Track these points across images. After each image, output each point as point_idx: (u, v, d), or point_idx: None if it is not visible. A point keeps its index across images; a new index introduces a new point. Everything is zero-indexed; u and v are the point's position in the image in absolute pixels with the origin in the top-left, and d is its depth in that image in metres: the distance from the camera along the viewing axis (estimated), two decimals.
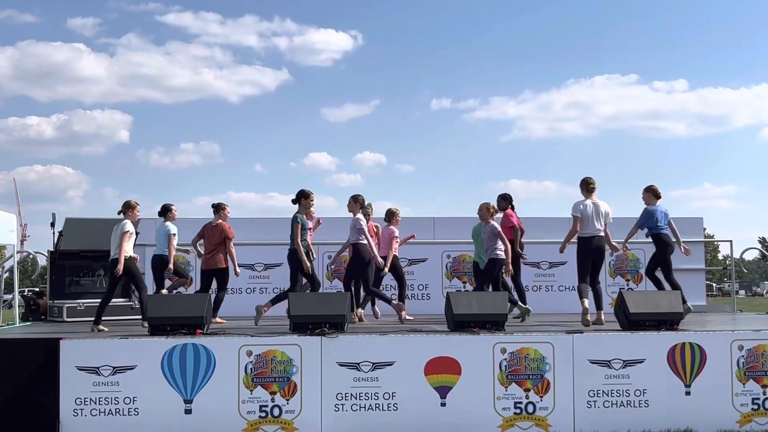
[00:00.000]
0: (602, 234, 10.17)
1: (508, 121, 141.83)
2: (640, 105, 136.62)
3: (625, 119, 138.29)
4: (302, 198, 10.37)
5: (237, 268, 11.00)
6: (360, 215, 10.65)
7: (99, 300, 10.95)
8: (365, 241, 10.52)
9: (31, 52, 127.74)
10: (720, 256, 74.01)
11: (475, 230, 10.84)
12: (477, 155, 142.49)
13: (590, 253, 10.02)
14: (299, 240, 10.09)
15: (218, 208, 10.96)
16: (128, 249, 9.91)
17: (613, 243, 10.47)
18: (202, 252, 10.95)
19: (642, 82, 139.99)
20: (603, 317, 9.89)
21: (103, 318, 10.29)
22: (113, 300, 11.80)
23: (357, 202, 10.78)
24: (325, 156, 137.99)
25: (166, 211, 11.17)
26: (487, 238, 10.50)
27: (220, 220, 10.88)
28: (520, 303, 10.89)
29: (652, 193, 10.86)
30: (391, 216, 11.51)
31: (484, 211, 10.55)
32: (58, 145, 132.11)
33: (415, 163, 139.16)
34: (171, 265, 10.95)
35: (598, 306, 10.00)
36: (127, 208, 10.18)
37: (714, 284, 69.59)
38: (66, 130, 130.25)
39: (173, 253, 10.92)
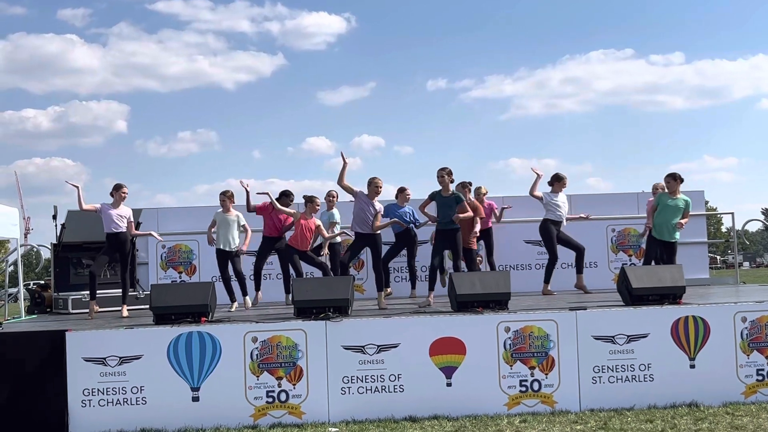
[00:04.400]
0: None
1: (504, 99, 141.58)
2: (637, 79, 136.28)
3: (622, 94, 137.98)
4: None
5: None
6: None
7: (104, 291, 11.04)
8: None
9: (23, 45, 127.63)
10: (723, 229, 74.01)
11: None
12: (476, 135, 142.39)
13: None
14: None
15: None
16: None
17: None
18: None
19: (638, 56, 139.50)
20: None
21: (109, 309, 10.37)
22: (118, 290, 11.90)
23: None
24: (324, 140, 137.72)
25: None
26: None
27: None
28: None
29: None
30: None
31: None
32: (56, 137, 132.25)
33: (414, 145, 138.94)
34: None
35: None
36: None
37: (718, 257, 69.70)
38: (63, 122, 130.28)
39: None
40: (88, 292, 11.04)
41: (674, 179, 10.93)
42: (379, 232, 10.56)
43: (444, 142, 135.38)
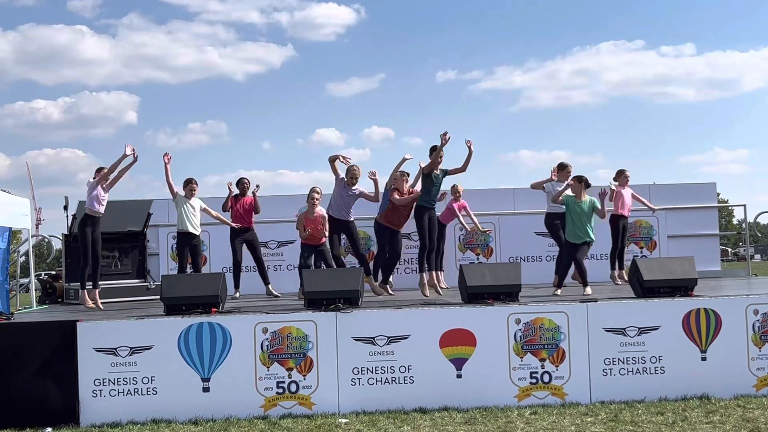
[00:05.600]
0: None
1: (514, 91, 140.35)
2: (648, 71, 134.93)
3: (632, 86, 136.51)
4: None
5: None
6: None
7: (114, 282, 11.06)
8: None
9: (33, 36, 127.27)
10: (734, 221, 73.69)
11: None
12: (485, 126, 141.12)
13: None
14: None
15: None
16: None
17: None
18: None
19: (649, 47, 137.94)
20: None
21: (119, 299, 10.38)
22: (129, 281, 11.95)
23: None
24: (333, 132, 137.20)
25: None
26: None
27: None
28: None
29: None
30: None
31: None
32: (66, 128, 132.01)
33: (423, 136, 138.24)
34: None
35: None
36: None
37: (729, 249, 69.43)
38: (73, 113, 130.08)
39: None
40: (100, 282, 11.09)
41: (579, 181, 10.24)
42: (352, 219, 11.01)
43: (454, 134, 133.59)
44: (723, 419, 7.38)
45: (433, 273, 11.14)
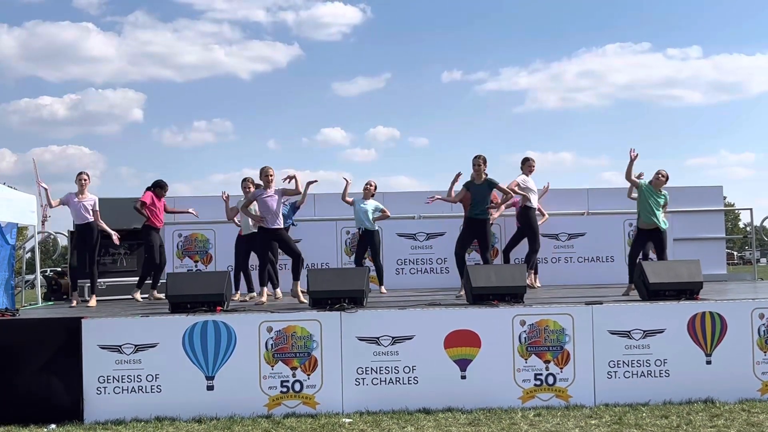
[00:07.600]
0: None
1: (519, 92, 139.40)
2: (654, 73, 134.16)
3: (638, 88, 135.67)
4: None
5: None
6: None
7: (120, 279, 11.07)
8: None
9: (39, 32, 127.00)
10: (741, 225, 73.40)
11: None
12: (491, 127, 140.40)
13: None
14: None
15: None
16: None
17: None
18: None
19: (655, 49, 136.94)
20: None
21: (124, 297, 10.37)
22: (134, 278, 11.96)
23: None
24: (339, 131, 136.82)
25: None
26: None
27: None
28: None
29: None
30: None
31: None
32: (72, 125, 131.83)
33: (429, 137, 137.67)
34: None
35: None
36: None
37: (735, 253, 69.20)
38: (79, 110, 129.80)
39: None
40: (104, 279, 11.09)
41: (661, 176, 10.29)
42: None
43: (459, 134, 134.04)
44: (727, 423, 7.36)
45: None
